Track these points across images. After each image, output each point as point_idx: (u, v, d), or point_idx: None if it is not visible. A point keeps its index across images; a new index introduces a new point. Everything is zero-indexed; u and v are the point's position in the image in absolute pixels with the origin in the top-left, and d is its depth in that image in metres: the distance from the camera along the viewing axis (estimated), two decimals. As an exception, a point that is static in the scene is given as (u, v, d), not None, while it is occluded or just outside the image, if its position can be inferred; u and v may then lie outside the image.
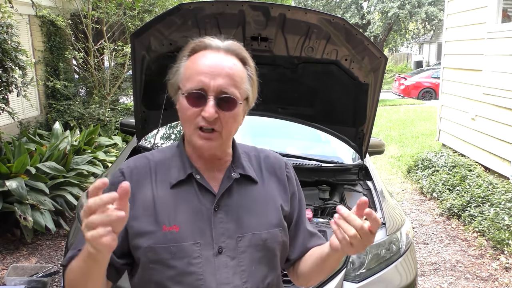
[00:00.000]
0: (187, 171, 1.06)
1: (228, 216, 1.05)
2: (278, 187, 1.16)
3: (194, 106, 0.99)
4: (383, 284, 2.13)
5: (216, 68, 0.99)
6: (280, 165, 1.19)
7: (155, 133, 2.97)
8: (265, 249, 1.07)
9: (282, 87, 2.58)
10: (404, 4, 22.94)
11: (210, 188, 1.06)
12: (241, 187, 1.09)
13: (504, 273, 3.59)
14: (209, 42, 1.04)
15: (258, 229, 1.07)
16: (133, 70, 2.38)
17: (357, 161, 2.86)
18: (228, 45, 1.05)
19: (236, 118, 1.03)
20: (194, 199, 1.05)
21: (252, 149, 1.21)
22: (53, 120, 6.37)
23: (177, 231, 1.01)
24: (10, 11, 4.23)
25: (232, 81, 1.00)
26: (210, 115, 0.97)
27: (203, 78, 0.98)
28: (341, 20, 2.09)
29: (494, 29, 5.47)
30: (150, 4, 6.97)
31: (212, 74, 0.99)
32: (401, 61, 32.03)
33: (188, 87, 1.00)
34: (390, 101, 16.13)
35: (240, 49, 1.06)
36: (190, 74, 1.01)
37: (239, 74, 1.03)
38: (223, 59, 1.02)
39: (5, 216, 3.71)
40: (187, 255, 1.01)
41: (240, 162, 1.12)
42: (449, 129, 6.82)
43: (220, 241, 1.03)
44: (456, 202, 4.74)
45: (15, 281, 2.85)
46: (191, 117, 1.00)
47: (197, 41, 1.06)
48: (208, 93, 0.98)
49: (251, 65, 1.08)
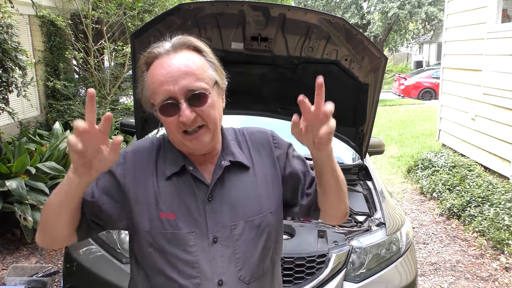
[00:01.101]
0: (180, 163, 1.08)
1: (221, 206, 1.07)
2: (268, 162, 1.16)
3: (170, 116, 1.00)
4: (383, 284, 2.13)
5: (172, 71, 0.99)
6: (267, 139, 1.19)
7: (155, 133, 2.97)
8: (259, 234, 1.09)
9: (282, 87, 2.58)
10: (404, 4, 22.94)
11: (203, 179, 1.08)
12: (232, 175, 1.11)
13: (504, 273, 3.59)
14: (157, 50, 1.03)
15: (251, 216, 1.09)
16: (133, 70, 2.38)
17: (357, 161, 2.86)
18: (174, 43, 1.04)
19: (214, 106, 1.04)
20: (189, 189, 1.07)
21: (238, 131, 1.21)
22: (53, 120, 6.37)
23: (173, 218, 1.04)
24: (10, 11, 4.23)
25: (194, 76, 1.00)
26: (188, 119, 0.98)
27: (166, 87, 0.99)
28: (341, 20, 2.09)
29: (494, 29, 5.47)
30: (150, 4, 6.97)
31: (172, 79, 0.99)
32: (401, 61, 32.02)
33: (158, 101, 1.00)
34: (390, 101, 16.13)
35: (189, 40, 1.05)
36: (154, 88, 1.01)
37: (197, 65, 1.02)
38: (176, 60, 1.01)
39: (5, 216, 3.71)
40: (182, 242, 1.04)
41: (229, 149, 1.13)
42: (449, 129, 6.82)
43: (215, 231, 1.05)
44: (456, 202, 4.74)
45: (15, 281, 2.85)
46: (174, 127, 1.01)
47: (146, 53, 1.05)
48: (177, 98, 0.99)
49: (206, 50, 1.06)
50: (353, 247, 2.14)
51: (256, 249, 1.09)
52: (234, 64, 2.38)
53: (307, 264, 2.05)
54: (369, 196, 2.63)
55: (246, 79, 2.51)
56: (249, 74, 2.51)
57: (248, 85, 2.51)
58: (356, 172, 2.79)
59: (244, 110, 2.71)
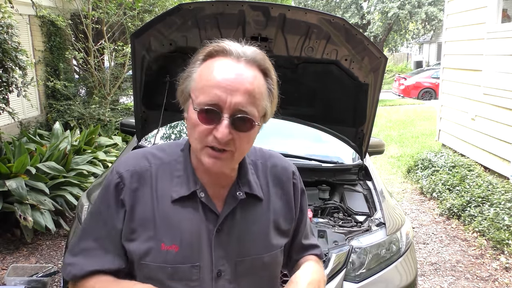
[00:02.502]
0: (191, 188, 0.97)
1: (230, 238, 0.99)
2: (283, 199, 1.09)
3: (206, 123, 0.88)
4: (383, 284, 2.13)
5: (235, 82, 0.87)
6: (288, 175, 1.10)
7: (155, 133, 2.97)
8: (266, 271, 1.04)
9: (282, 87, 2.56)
10: (404, 4, 22.95)
11: (214, 209, 0.98)
12: (245, 207, 1.01)
13: (504, 273, 3.59)
14: (228, 48, 0.91)
15: (260, 253, 1.01)
16: (133, 70, 2.38)
17: (357, 161, 2.86)
18: (250, 55, 0.91)
19: (251, 138, 0.94)
20: (197, 218, 0.97)
21: (260, 155, 1.10)
22: (53, 120, 6.37)
23: (176, 251, 0.94)
24: (10, 11, 4.23)
25: (251, 99, 0.88)
26: (223, 136, 0.87)
27: (219, 93, 0.86)
28: (341, 20, 2.09)
29: (494, 29, 5.47)
30: (150, 4, 6.97)
31: (230, 88, 0.86)
32: (401, 61, 32.02)
33: (200, 100, 0.88)
34: (390, 101, 16.13)
35: (264, 59, 0.93)
36: (204, 84, 0.89)
37: (260, 89, 0.91)
38: (244, 72, 0.89)
39: (5, 216, 3.71)
40: (184, 277, 0.95)
41: (246, 178, 1.02)
42: (449, 129, 6.82)
43: (219, 264, 0.97)
44: (456, 202, 4.74)
45: (15, 281, 2.85)
46: (202, 135, 0.89)
47: (214, 44, 0.92)
48: (223, 111, 0.87)
49: (273, 78, 0.96)
50: (353, 247, 2.14)
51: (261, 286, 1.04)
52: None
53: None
54: (369, 196, 2.62)
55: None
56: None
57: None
58: (356, 172, 2.79)
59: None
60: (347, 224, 2.35)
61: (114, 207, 0.97)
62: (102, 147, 5.23)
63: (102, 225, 0.99)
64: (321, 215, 2.51)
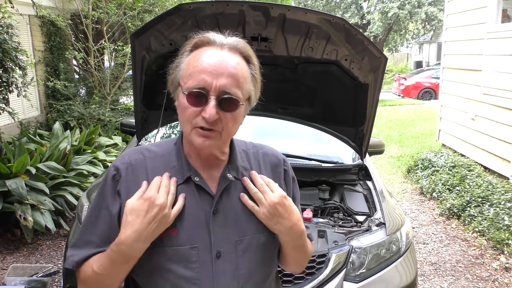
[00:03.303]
0: (186, 174, 1.04)
1: (227, 219, 1.03)
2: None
3: (194, 105, 0.96)
4: (383, 284, 2.13)
5: (219, 66, 0.96)
6: (279, 162, 1.18)
7: (155, 133, 2.97)
8: (264, 251, 1.06)
9: (282, 87, 2.58)
10: (404, 4, 22.94)
11: (209, 190, 1.04)
12: (239, 189, 1.07)
13: (504, 273, 3.59)
14: (213, 38, 1.00)
15: (258, 232, 1.05)
16: (133, 70, 2.38)
17: (357, 161, 2.86)
18: (232, 42, 1.01)
19: (237, 119, 1.01)
20: (192, 201, 1.02)
21: (251, 145, 1.18)
22: (53, 120, 6.37)
23: (175, 234, 0.99)
24: (11, 11, 4.23)
25: (235, 81, 0.97)
26: (211, 116, 0.94)
27: (205, 77, 0.95)
28: (341, 20, 2.09)
29: (494, 29, 5.47)
30: (150, 4, 6.97)
31: (215, 73, 0.95)
32: (401, 61, 32.01)
33: (189, 85, 0.97)
34: (390, 101, 16.13)
35: (245, 47, 1.02)
36: (192, 71, 0.97)
37: (243, 73, 0.99)
38: (227, 57, 0.98)
39: (5, 216, 3.71)
40: (183, 259, 0.99)
41: (235, 163, 1.09)
42: (449, 129, 6.82)
43: (219, 245, 1.01)
44: (456, 202, 4.74)
45: (15, 281, 2.85)
46: (191, 117, 0.98)
47: (200, 36, 1.02)
48: (209, 92, 0.95)
49: (255, 64, 1.04)
50: (353, 247, 2.14)
51: (260, 266, 1.06)
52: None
53: (307, 264, 2.05)
54: (369, 196, 2.62)
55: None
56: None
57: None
58: (356, 172, 2.79)
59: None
60: (347, 224, 2.35)
61: (110, 197, 1.04)
62: (102, 147, 5.23)
63: (101, 217, 1.04)
64: (321, 215, 2.51)
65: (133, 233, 0.94)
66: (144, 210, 0.95)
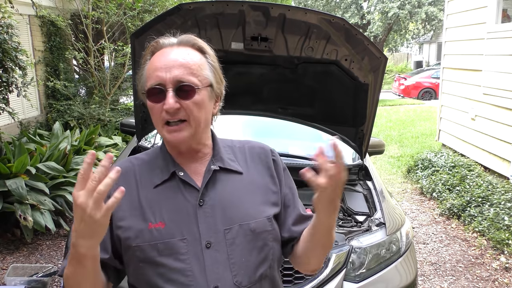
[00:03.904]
0: (170, 170, 1.08)
1: (213, 210, 1.05)
2: (265, 173, 1.15)
3: (156, 102, 1.01)
4: (383, 284, 2.13)
5: (169, 61, 1.02)
6: (266, 153, 1.19)
7: (155, 133, 2.97)
8: (255, 239, 1.06)
9: (282, 87, 2.58)
10: (404, 4, 22.94)
11: (193, 183, 1.06)
12: (224, 179, 1.10)
13: (504, 273, 3.59)
14: (162, 41, 1.07)
15: (246, 219, 1.06)
16: (133, 70, 2.38)
17: (357, 161, 2.86)
18: (181, 39, 1.07)
19: (201, 105, 1.03)
20: (179, 195, 1.05)
21: (237, 142, 1.21)
22: (53, 120, 6.37)
23: (163, 227, 1.02)
24: (11, 11, 4.23)
25: (188, 70, 1.01)
26: (170, 106, 0.99)
27: (159, 73, 1.01)
28: (341, 20, 2.09)
29: (494, 29, 5.47)
30: (150, 4, 6.97)
31: (167, 67, 1.01)
32: (401, 61, 32.01)
33: (148, 85, 1.03)
34: (390, 101, 16.13)
35: (194, 39, 1.08)
36: (149, 73, 1.04)
37: (195, 62, 1.04)
38: (176, 52, 1.04)
39: (5, 216, 3.71)
40: (174, 251, 1.01)
41: (219, 155, 1.12)
42: (449, 129, 6.82)
43: (207, 236, 1.03)
44: (456, 202, 4.74)
45: (15, 281, 2.85)
46: (157, 114, 1.02)
47: (153, 42, 1.09)
48: (166, 86, 1.00)
49: (209, 53, 1.08)
50: (353, 247, 2.14)
51: (252, 255, 1.06)
52: (234, 64, 2.38)
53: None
54: (369, 196, 2.62)
55: (246, 79, 2.51)
56: (249, 74, 2.51)
57: (248, 85, 2.51)
58: (356, 172, 2.79)
59: (244, 110, 2.71)
60: (347, 224, 2.35)
61: None
62: (102, 147, 5.23)
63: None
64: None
65: (73, 231, 0.89)
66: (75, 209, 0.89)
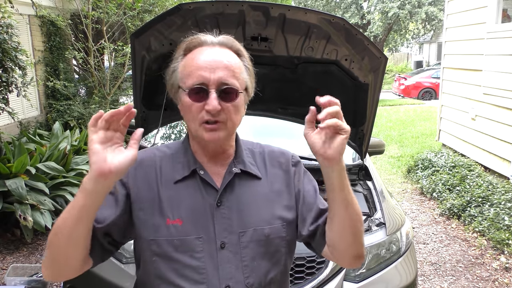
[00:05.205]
0: (191, 167, 1.08)
1: (230, 212, 1.07)
2: (283, 179, 1.15)
3: (197, 101, 1.01)
4: (383, 284, 2.13)
5: (214, 61, 1.02)
6: (286, 158, 1.20)
7: (155, 133, 2.97)
8: (268, 244, 1.08)
9: (282, 87, 2.57)
10: (404, 4, 22.93)
11: (213, 183, 1.08)
12: (244, 183, 1.11)
13: (504, 273, 3.59)
14: (203, 39, 1.07)
15: (261, 225, 1.08)
16: (133, 70, 2.38)
17: (357, 161, 2.86)
18: (222, 40, 1.08)
19: (239, 109, 1.05)
20: (198, 194, 1.07)
21: (257, 145, 1.21)
22: (53, 120, 6.37)
23: (180, 224, 1.04)
24: (10, 11, 4.23)
25: (231, 72, 1.02)
26: (214, 108, 0.99)
27: (203, 73, 1.00)
28: (341, 20, 2.09)
29: (494, 29, 5.47)
30: (150, 4, 6.97)
31: (211, 67, 1.01)
32: (401, 61, 32.01)
33: (189, 84, 1.02)
34: (390, 101, 16.13)
35: (234, 42, 1.09)
36: (189, 71, 1.03)
37: (237, 65, 1.05)
38: (220, 52, 1.04)
39: (5, 216, 3.71)
40: (189, 248, 1.03)
41: (241, 158, 1.13)
42: (449, 129, 6.82)
43: (222, 236, 1.05)
44: (456, 202, 4.74)
45: (15, 281, 2.85)
46: (195, 113, 1.02)
47: (190, 39, 1.08)
48: (209, 86, 1.00)
49: (245, 56, 1.10)
50: (353, 247, 2.13)
51: (264, 259, 1.07)
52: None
53: (307, 264, 2.05)
54: (369, 196, 2.62)
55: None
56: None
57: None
58: (356, 172, 2.79)
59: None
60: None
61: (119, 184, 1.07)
62: (102, 147, 5.22)
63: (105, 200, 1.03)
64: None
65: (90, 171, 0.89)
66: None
